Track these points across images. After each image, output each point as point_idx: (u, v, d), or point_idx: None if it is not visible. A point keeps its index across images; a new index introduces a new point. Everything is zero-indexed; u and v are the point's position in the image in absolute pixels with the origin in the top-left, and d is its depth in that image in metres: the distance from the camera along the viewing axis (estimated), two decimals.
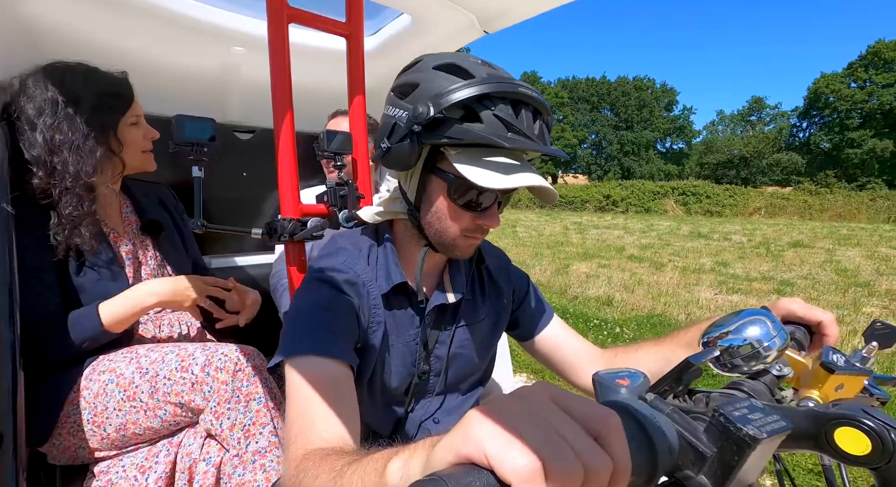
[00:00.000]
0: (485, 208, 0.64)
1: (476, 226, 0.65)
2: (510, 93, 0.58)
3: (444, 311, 0.75)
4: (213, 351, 0.85)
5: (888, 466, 0.36)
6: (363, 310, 0.68)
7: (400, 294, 0.71)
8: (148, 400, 0.83)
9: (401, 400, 0.75)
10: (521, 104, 0.59)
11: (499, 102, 0.58)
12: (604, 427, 0.25)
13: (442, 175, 0.63)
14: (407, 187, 0.68)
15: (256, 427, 0.83)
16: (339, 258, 0.70)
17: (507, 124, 0.58)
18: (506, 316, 0.84)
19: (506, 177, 0.59)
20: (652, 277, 5.80)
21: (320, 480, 0.43)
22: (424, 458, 0.29)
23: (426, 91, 0.60)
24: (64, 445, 0.86)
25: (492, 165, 0.59)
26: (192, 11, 1.18)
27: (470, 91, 0.57)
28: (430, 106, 0.57)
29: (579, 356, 0.82)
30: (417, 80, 0.62)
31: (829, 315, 0.60)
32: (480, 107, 0.58)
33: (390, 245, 0.73)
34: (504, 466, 0.23)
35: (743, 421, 0.33)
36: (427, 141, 0.60)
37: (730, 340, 0.46)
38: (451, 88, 0.58)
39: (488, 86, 0.57)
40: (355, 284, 0.68)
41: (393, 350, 0.72)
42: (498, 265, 0.84)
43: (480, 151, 0.60)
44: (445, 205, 0.64)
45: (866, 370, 0.47)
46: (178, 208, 1.18)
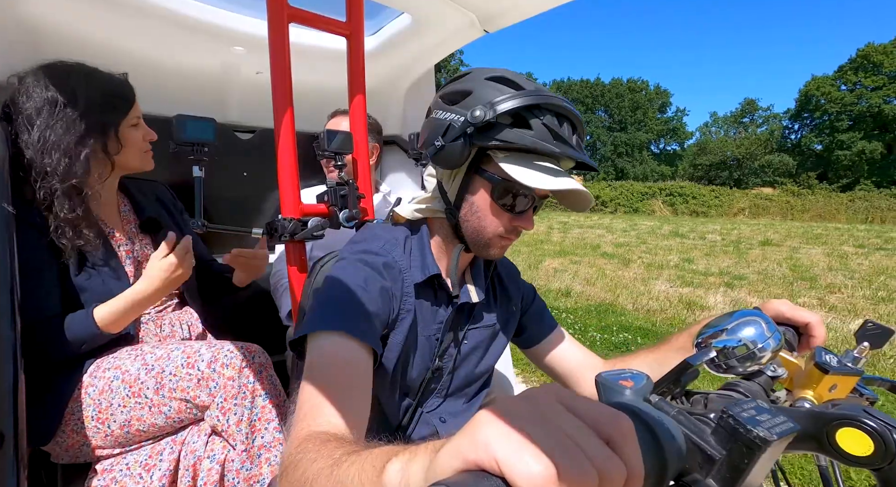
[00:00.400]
0: (521, 210, 0.69)
1: (512, 227, 0.69)
2: (556, 106, 0.64)
3: (461, 311, 0.77)
4: (218, 348, 0.86)
5: (890, 466, 0.36)
6: (396, 296, 0.69)
7: (428, 288, 0.73)
8: (153, 396, 0.84)
9: (415, 393, 0.76)
10: (563, 117, 0.65)
11: (546, 112, 0.64)
12: (616, 430, 0.24)
13: (487, 176, 0.67)
14: (448, 186, 0.71)
15: (262, 423, 0.84)
16: (377, 243, 0.73)
17: (553, 133, 0.64)
18: (514, 323, 0.86)
19: (551, 179, 0.63)
20: (616, 272, 6.09)
21: (317, 464, 0.42)
22: (426, 463, 0.28)
23: (480, 98, 0.65)
24: (68, 443, 0.87)
25: (538, 168, 0.64)
26: (192, 11, 1.18)
27: (522, 101, 0.63)
28: (487, 111, 0.62)
29: (581, 365, 0.83)
30: (470, 88, 0.67)
31: (817, 317, 0.61)
32: (530, 115, 0.63)
33: (426, 240, 0.75)
34: (516, 472, 0.21)
35: (752, 423, 0.32)
36: (479, 142, 0.65)
37: (725, 341, 0.46)
38: (504, 97, 0.63)
39: (538, 97, 0.63)
40: (392, 268, 0.70)
41: (417, 342, 0.73)
42: (508, 273, 0.87)
43: (527, 156, 0.66)
44: (487, 204, 0.68)
45: (858, 371, 0.47)
46: (176, 205, 1.18)
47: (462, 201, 0.70)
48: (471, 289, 0.78)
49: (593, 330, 3.63)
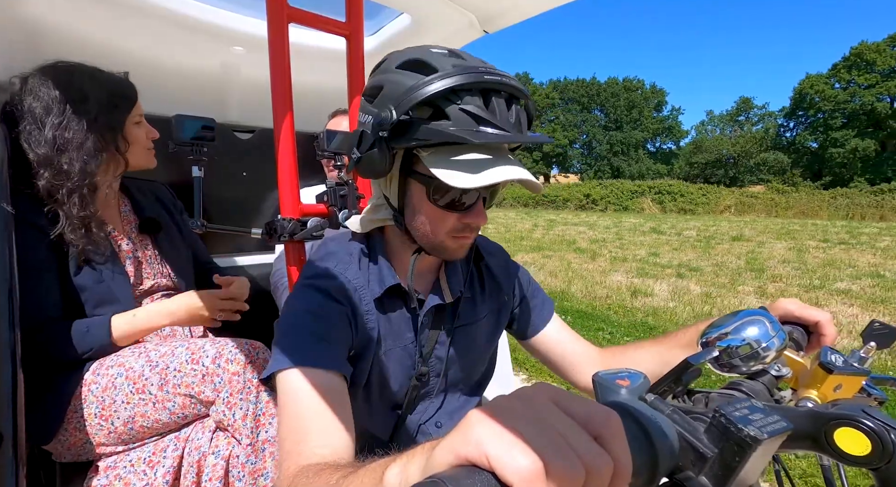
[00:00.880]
0: (469, 206, 0.62)
1: (463, 225, 0.63)
2: (476, 83, 0.55)
3: (442, 311, 0.74)
4: (223, 344, 0.86)
5: (888, 466, 0.36)
6: (355, 315, 0.67)
7: (395, 297, 0.70)
8: (157, 392, 0.84)
9: (400, 403, 0.75)
10: (491, 93, 0.56)
11: (465, 94, 0.55)
12: (604, 427, 0.25)
13: (419, 178, 0.61)
14: (389, 193, 0.66)
15: (266, 417, 0.84)
16: (330, 263, 0.69)
17: (476, 118, 0.54)
18: (506, 313, 0.84)
19: (478, 175, 0.56)
20: (582, 265, 6.45)
21: None
22: (423, 461, 0.29)
23: (390, 93, 0.58)
24: (70, 441, 0.87)
25: (463, 164, 0.56)
26: (192, 11, 1.18)
27: (433, 87, 0.54)
28: (393, 109, 0.55)
29: (578, 355, 0.82)
30: (381, 81, 0.60)
31: (826, 315, 0.60)
32: (446, 102, 0.55)
33: (381, 249, 0.72)
34: (505, 467, 0.22)
35: (744, 422, 0.33)
36: (397, 145, 0.58)
37: (728, 340, 0.46)
38: (411, 87, 0.55)
39: (452, 79, 0.54)
40: (346, 289, 0.67)
41: (390, 354, 0.71)
42: (497, 262, 0.83)
43: (452, 150, 0.58)
44: (427, 207, 0.62)
45: (864, 371, 0.47)
46: (175, 205, 1.18)
47: (404, 206, 0.64)
48: (444, 289, 0.74)
49: None
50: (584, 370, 0.80)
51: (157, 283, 1.04)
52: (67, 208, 0.88)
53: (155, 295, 1.05)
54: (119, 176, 1.02)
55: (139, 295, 1.01)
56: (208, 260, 1.23)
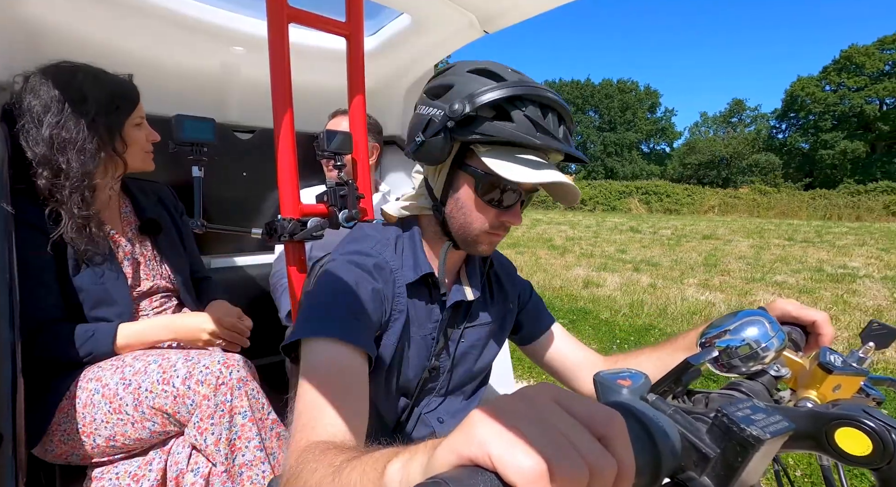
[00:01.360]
0: (508, 205, 0.67)
1: (499, 222, 0.68)
2: (539, 96, 0.62)
3: (457, 309, 0.76)
4: (195, 362, 0.84)
5: (889, 466, 0.36)
6: (388, 297, 0.68)
7: (421, 287, 0.73)
8: (133, 413, 0.83)
9: (411, 393, 0.76)
10: (548, 108, 0.63)
11: (528, 103, 0.62)
12: (608, 428, 0.25)
13: (470, 171, 0.66)
14: (434, 183, 0.70)
15: (242, 442, 0.82)
16: (368, 243, 0.72)
17: (535, 125, 0.61)
18: (511, 320, 0.85)
19: (534, 172, 0.61)
20: (550, 260, 6.72)
21: (318, 474, 0.42)
22: (425, 460, 0.29)
23: (461, 91, 0.63)
24: (56, 451, 0.87)
25: (521, 162, 0.62)
26: (192, 11, 1.18)
27: (502, 92, 0.61)
28: (465, 104, 0.61)
29: (580, 361, 0.83)
30: (452, 81, 0.65)
31: (824, 315, 0.60)
32: (511, 107, 0.61)
33: (418, 238, 0.74)
34: (509, 467, 0.22)
35: (746, 422, 0.33)
36: (459, 137, 0.63)
37: (728, 340, 0.46)
38: (484, 89, 0.61)
39: (520, 88, 0.61)
40: (383, 269, 0.69)
41: (413, 341, 0.72)
42: (505, 271, 0.86)
43: (510, 149, 0.64)
44: (472, 200, 0.67)
45: (863, 371, 0.47)
46: (177, 207, 1.18)
47: (447, 197, 0.69)
48: (465, 287, 0.77)
49: None
50: (585, 377, 0.81)
51: (155, 284, 1.04)
52: (68, 208, 0.88)
53: (154, 297, 1.05)
54: (119, 177, 1.02)
55: (137, 296, 1.01)
56: (198, 270, 1.21)
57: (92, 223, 0.91)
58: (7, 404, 0.68)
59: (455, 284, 0.77)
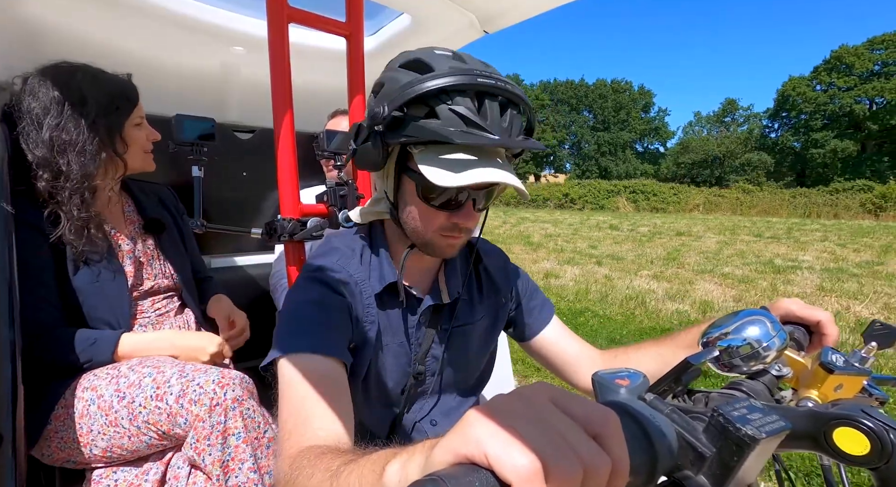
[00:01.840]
0: (458, 206, 0.62)
1: (452, 225, 0.63)
2: (469, 84, 0.55)
3: (439, 311, 0.74)
4: (189, 380, 0.82)
5: (887, 466, 0.36)
6: (356, 309, 0.67)
7: (394, 294, 0.71)
8: (129, 426, 0.82)
9: (397, 401, 0.75)
10: (485, 96, 0.56)
11: (456, 95, 0.55)
12: (603, 426, 0.25)
13: (411, 174, 0.62)
14: (385, 187, 0.67)
15: (235, 463, 0.81)
16: (332, 258, 0.70)
17: (464, 119, 0.55)
18: (504, 315, 0.83)
19: (460, 175, 0.56)
20: (522, 255, 6.97)
21: (315, 479, 0.42)
22: (423, 459, 0.29)
23: (387, 90, 0.59)
24: (54, 456, 0.86)
25: (449, 163, 0.57)
26: (192, 11, 1.17)
27: (425, 86, 0.55)
28: (386, 105, 0.56)
29: (578, 356, 0.81)
30: (383, 79, 0.61)
31: (828, 315, 0.59)
32: (437, 101, 0.56)
33: (383, 245, 0.72)
34: (504, 466, 0.22)
35: (742, 421, 0.33)
36: (391, 141, 0.59)
37: (729, 340, 0.46)
38: (406, 84, 0.56)
39: (444, 79, 0.55)
40: (348, 283, 0.67)
41: (387, 350, 0.71)
42: (496, 265, 0.83)
43: (441, 149, 0.58)
44: (418, 204, 0.63)
45: (865, 371, 0.47)
46: (178, 207, 1.17)
47: (398, 201, 0.65)
48: (442, 289, 0.74)
49: None
50: (584, 372, 0.80)
51: (157, 284, 1.03)
52: (68, 209, 0.87)
53: (156, 296, 1.04)
54: (119, 178, 1.01)
55: (139, 296, 1.00)
56: (200, 270, 1.20)
57: (91, 225, 0.90)
58: (7, 404, 0.67)
59: (432, 287, 0.74)
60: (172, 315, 1.06)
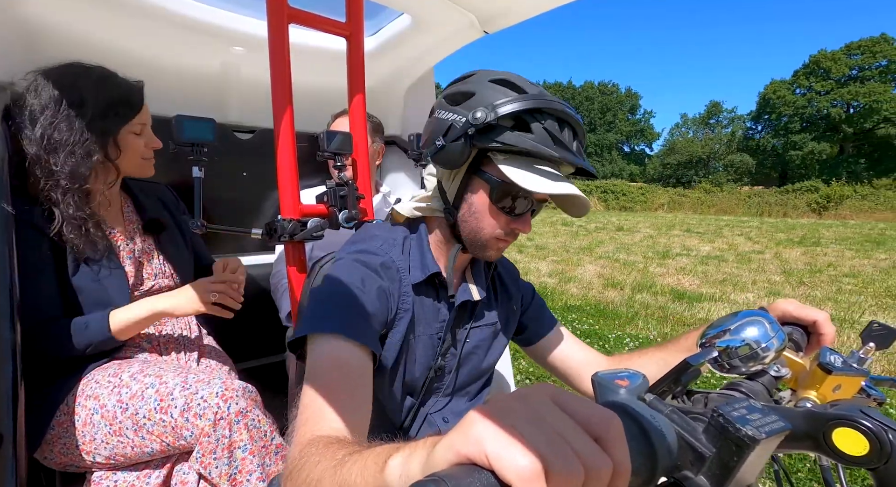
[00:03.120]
0: (519, 213, 0.67)
1: (510, 229, 0.68)
2: (558, 111, 0.62)
3: (463, 309, 0.75)
4: (192, 393, 0.79)
5: (886, 466, 0.35)
6: (394, 296, 0.67)
7: (428, 287, 0.72)
8: (134, 437, 0.80)
9: (417, 393, 0.75)
10: (564, 123, 0.63)
11: (548, 117, 0.62)
12: (604, 428, 0.25)
13: (486, 177, 0.66)
14: (448, 186, 0.70)
15: (243, 475, 0.79)
16: (375, 243, 0.71)
17: (553, 138, 0.62)
18: (514, 321, 0.84)
19: (550, 183, 0.61)
20: None
21: (321, 466, 0.42)
22: (424, 457, 0.28)
23: (482, 99, 0.63)
24: (56, 460, 0.84)
25: (537, 172, 0.63)
26: (192, 11, 1.15)
27: (523, 104, 0.61)
28: (488, 112, 0.61)
29: (583, 362, 0.82)
30: (473, 90, 0.65)
31: (824, 314, 0.59)
32: (531, 119, 0.62)
33: (425, 239, 0.73)
34: (505, 466, 0.22)
35: (742, 422, 0.32)
36: (479, 144, 0.63)
37: (728, 341, 0.45)
38: (506, 100, 0.61)
39: (540, 101, 0.61)
40: (390, 268, 0.68)
41: (418, 341, 0.71)
42: (509, 275, 0.85)
43: (527, 159, 0.64)
44: (486, 205, 0.67)
45: (863, 371, 0.46)
46: (178, 206, 1.15)
47: (461, 201, 0.68)
48: (472, 287, 0.76)
49: None
50: (588, 377, 0.79)
51: (157, 283, 1.01)
52: (63, 208, 0.84)
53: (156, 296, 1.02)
54: (111, 183, 0.97)
55: (139, 296, 0.98)
56: (211, 262, 1.17)
57: (89, 224, 0.87)
58: (7, 404, 0.65)
59: (462, 284, 0.76)
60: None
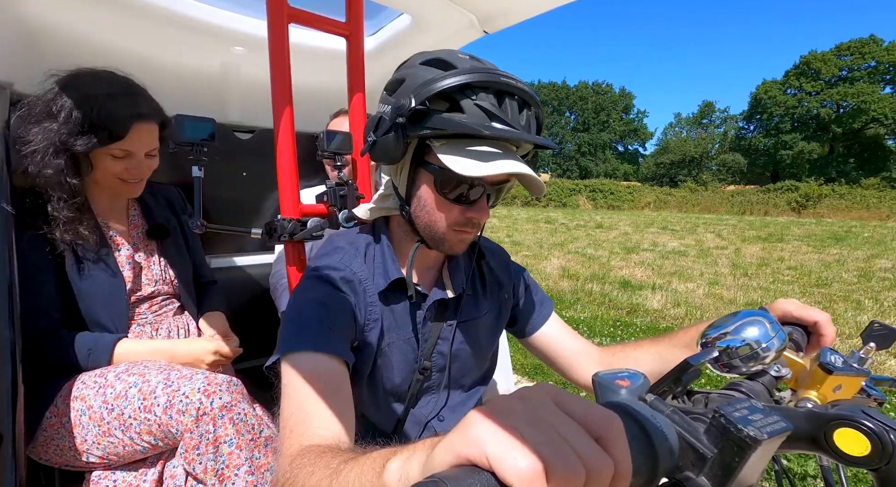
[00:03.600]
0: (473, 200, 0.62)
1: (465, 219, 0.63)
2: (492, 82, 0.56)
3: (444, 306, 0.72)
4: (175, 390, 0.78)
5: (887, 467, 0.34)
6: (359, 307, 0.65)
7: (398, 291, 0.69)
8: (123, 437, 0.79)
9: (404, 397, 0.73)
10: (505, 94, 0.57)
11: (480, 91, 0.56)
12: (605, 428, 0.24)
13: (429, 168, 0.61)
14: (397, 182, 0.66)
15: (231, 470, 0.77)
16: (336, 257, 0.68)
17: (489, 114, 0.56)
18: (507, 311, 0.82)
19: (486, 164, 0.56)
20: None
21: (315, 477, 0.40)
22: (423, 459, 0.28)
23: (410, 84, 0.59)
24: (52, 460, 0.83)
25: (473, 154, 0.57)
26: (192, 11, 1.13)
27: (451, 81, 0.55)
28: (412, 97, 0.56)
29: (577, 353, 0.80)
30: (404, 75, 0.61)
31: (825, 315, 0.58)
32: (462, 96, 0.56)
33: (387, 242, 0.71)
34: (505, 467, 0.21)
35: (744, 422, 0.32)
36: (412, 133, 0.58)
37: (728, 341, 0.45)
38: (431, 79, 0.56)
39: (469, 76, 0.55)
40: (351, 281, 0.66)
41: (393, 347, 0.69)
42: (498, 262, 0.82)
43: (463, 142, 0.58)
44: (433, 198, 0.62)
45: (864, 371, 0.46)
46: (185, 209, 1.13)
47: (411, 196, 0.64)
48: (446, 284, 0.73)
49: None
50: (582, 368, 0.78)
51: (157, 289, 1.00)
52: (52, 209, 0.84)
53: (154, 300, 1.00)
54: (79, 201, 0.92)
55: (136, 300, 0.97)
56: (204, 275, 1.17)
57: (82, 226, 0.86)
58: (7, 404, 0.64)
59: (436, 283, 0.73)
60: (171, 315, 1.02)
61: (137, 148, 0.91)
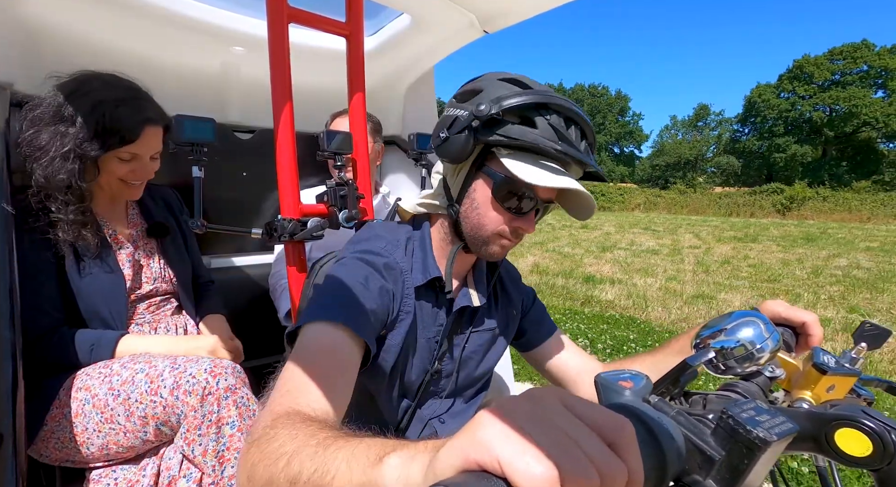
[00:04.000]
0: (523, 212, 0.65)
1: (512, 228, 0.65)
2: (564, 108, 0.61)
3: (462, 314, 0.73)
4: (181, 371, 0.78)
5: (889, 467, 0.34)
6: (396, 297, 0.65)
7: (429, 290, 0.70)
8: (126, 423, 0.78)
9: (413, 394, 0.73)
10: (571, 121, 0.62)
11: (553, 113, 0.61)
12: (618, 433, 0.23)
13: (490, 173, 0.64)
14: (452, 182, 0.68)
15: (231, 452, 0.76)
16: (379, 243, 0.69)
17: (559, 134, 0.60)
18: (514, 326, 0.82)
19: (553, 177, 0.59)
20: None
21: (298, 441, 0.38)
22: (426, 462, 0.26)
23: (488, 95, 0.62)
24: (52, 456, 0.83)
25: (541, 167, 0.61)
26: (192, 11, 1.12)
27: (528, 98, 0.59)
28: (492, 105, 0.59)
29: (580, 369, 0.80)
30: (481, 86, 0.64)
31: (813, 316, 0.58)
32: (536, 114, 0.60)
33: (428, 239, 0.71)
34: (518, 473, 0.20)
35: (752, 423, 0.31)
36: (483, 137, 0.61)
37: (723, 341, 0.44)
38: (510, 93, 0.60)
39: (546, 97, 0.60)
40: (393, 270, 0.66)
41: (417, 344, 0.69)
42: (510, 277, 0.83)
43: (531, 155, 0.62)
44: (488, 201, 0.64)
45: (856, 371, 0.45)
46: (182, 210, 1.13)
47: (464, 196, 0.66)
48: (472, 293, 0.73)
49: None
50: (586, 384, 0.79)
51: (156, 287, 0.99)
52: (56, 209, 0.83)
53: (153, 298, 1.00)
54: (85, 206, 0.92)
55: (136, 299, 0.96)
56: (201, 275, 1.16)
57: (86, 227, 0.86)
58: (7, 403, 0.64)
59: (462, 288, 0.73)
60: (169, 314, 1.02)
61: (145, 151, 0.92)
